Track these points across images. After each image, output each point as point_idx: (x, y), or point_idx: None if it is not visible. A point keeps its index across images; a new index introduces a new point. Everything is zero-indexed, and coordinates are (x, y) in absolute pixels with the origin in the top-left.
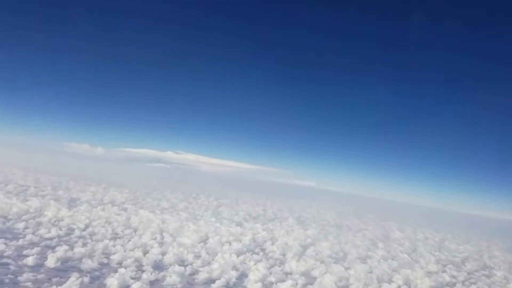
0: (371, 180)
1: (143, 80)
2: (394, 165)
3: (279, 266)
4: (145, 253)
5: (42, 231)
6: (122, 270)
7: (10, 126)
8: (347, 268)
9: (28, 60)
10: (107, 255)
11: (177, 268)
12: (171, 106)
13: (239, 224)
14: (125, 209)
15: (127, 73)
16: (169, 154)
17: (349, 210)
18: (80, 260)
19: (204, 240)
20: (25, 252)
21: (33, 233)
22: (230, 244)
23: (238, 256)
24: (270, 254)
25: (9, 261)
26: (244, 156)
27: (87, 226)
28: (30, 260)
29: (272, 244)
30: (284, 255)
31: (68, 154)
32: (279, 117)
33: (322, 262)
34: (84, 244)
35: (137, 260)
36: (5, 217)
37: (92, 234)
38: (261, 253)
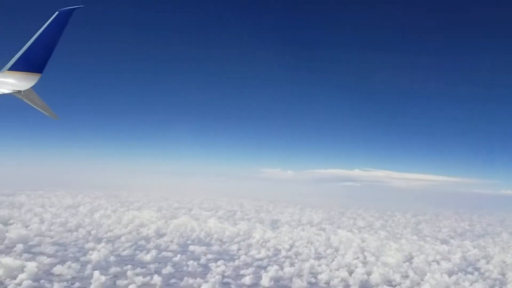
0: None
1: (322, 103)
2: None
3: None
4: (350, 272)
5: (253, 252)
6: None
7: (214, 160)
8: None
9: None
10: (314, 274)
11: None
12: (355, 125)
13: (444, 242)
14: (324, 229)
15: (312, 99)
16: (358, 172)
17: None
18: (290, 279)
19: (409, 260)
20: (241, 272)
21: (245, 254)
22: (438, 263)
23: (449, 276)
24: (486, 274)
25: (230, 280)
26: (440, 168)
27: (291, 246)
28: (247, 280)
29: (487, 263)
30: (503, 274)
31: (262, 179)
32: (476, 121)
33: None
34: (292, 264)
35: (343, 280)
36: (220, 240)
37: (297, 254)
38: (476, 273)
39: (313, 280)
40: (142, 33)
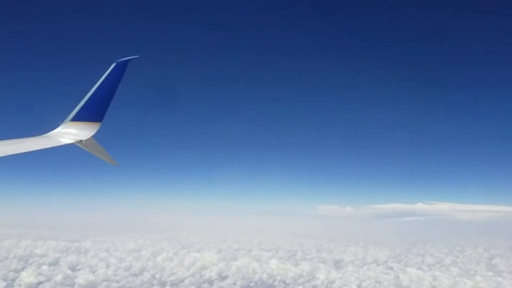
0: None
1: (378, 135)
2: None
3: None
4: None
5: None
6: None
7: (269, 199)
8: None
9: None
10: None
11: None
12: (414, 156)
13: None
14: (391, 268)
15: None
16: (420, 206)
17: None
18: None
19: None
20: None
21: None
22: None
23: None
24: None
25: None
26: (507, 198)
27: (358, 287)
28: None
29: None
30: None
31: (320, 217)
32: None
33: None
34: None
35: None
36: (284, 282)
37: None
38: None
39: None
40: (196, 80)
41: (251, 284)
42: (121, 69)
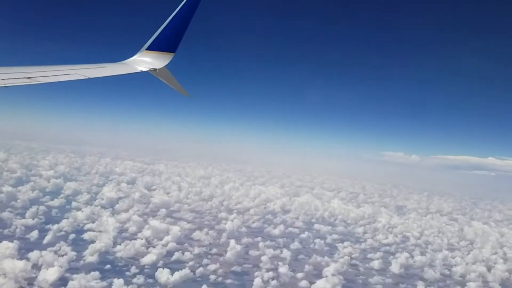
0: None
1: (452, 82)
2: None
3: None
4: (489, 268)
5: (379, 236)
6: (471, 284)
7: (332, 141)
8: None
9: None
10: (447, 266)
11: None
12: (489, 109)
13: None
14: (455, 219)
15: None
16: (492, 161)
17: None
18: (421, 268)
19: None
20: (369, 255)
21: (372, 238)
22: None
23: None
24: None
25: (357, 262)
26: None
27: (420, 235)
28: (376, 264)
29: None
30: None
31: (383, 162)
32: None
33: None
34: (422, 253)
35: (481, 275)
36: (345, 221)
37: (427, 243)
38: None
39: (446, 272)
40: (268, 17)
41: (313, 220)
42: (195, 2)
